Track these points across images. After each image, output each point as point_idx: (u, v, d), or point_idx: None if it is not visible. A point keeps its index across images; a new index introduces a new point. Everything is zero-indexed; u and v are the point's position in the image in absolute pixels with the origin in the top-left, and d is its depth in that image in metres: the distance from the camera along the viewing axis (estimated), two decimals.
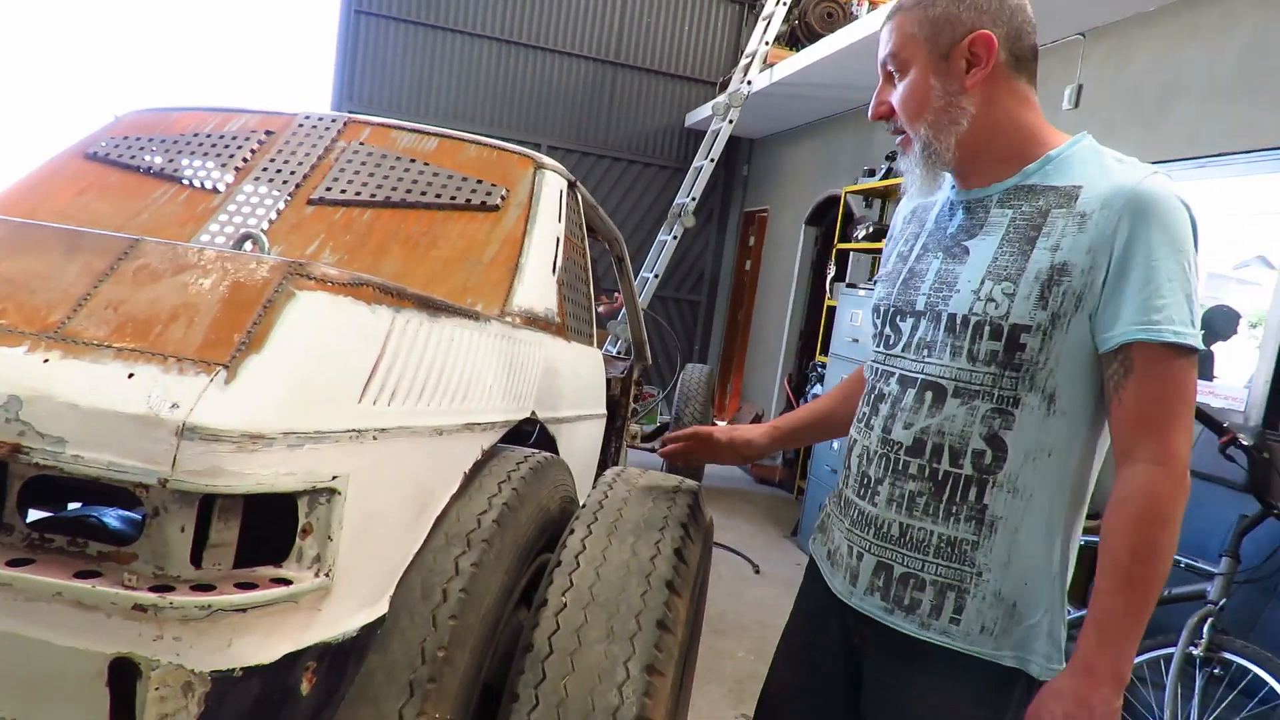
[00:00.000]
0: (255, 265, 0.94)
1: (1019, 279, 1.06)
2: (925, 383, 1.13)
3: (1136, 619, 1.00)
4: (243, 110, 2.16)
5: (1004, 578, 1.09)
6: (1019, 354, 1.06)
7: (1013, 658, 1.09)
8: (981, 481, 1.09)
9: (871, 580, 1.17)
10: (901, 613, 1.14)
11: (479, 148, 2.09)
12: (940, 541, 1.11)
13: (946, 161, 1.15)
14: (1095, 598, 1.03)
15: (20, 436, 0.82)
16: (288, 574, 0.92)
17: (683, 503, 1.49)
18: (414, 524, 1.18)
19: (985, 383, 1.08)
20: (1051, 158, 1.12)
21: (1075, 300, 1.04)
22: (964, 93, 1.11)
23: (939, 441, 1.11)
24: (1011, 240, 1.09)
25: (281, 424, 0.86)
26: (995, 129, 1.13)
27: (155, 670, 0.82)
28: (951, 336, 1.10)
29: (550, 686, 1.15)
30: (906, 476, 1.14)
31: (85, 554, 0.87)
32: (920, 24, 1.12)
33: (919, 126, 1.14)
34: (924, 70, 1.12)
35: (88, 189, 1.95)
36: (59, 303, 0.90)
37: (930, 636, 1.11)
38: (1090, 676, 1.00)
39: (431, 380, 1.16)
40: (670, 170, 8.75)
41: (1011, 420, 1.07)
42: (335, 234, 1.83)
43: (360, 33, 7.85)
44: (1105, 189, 1.05)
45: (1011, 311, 1.06)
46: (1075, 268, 1.03)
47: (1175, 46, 3.88)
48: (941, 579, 1.11)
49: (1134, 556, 0.99)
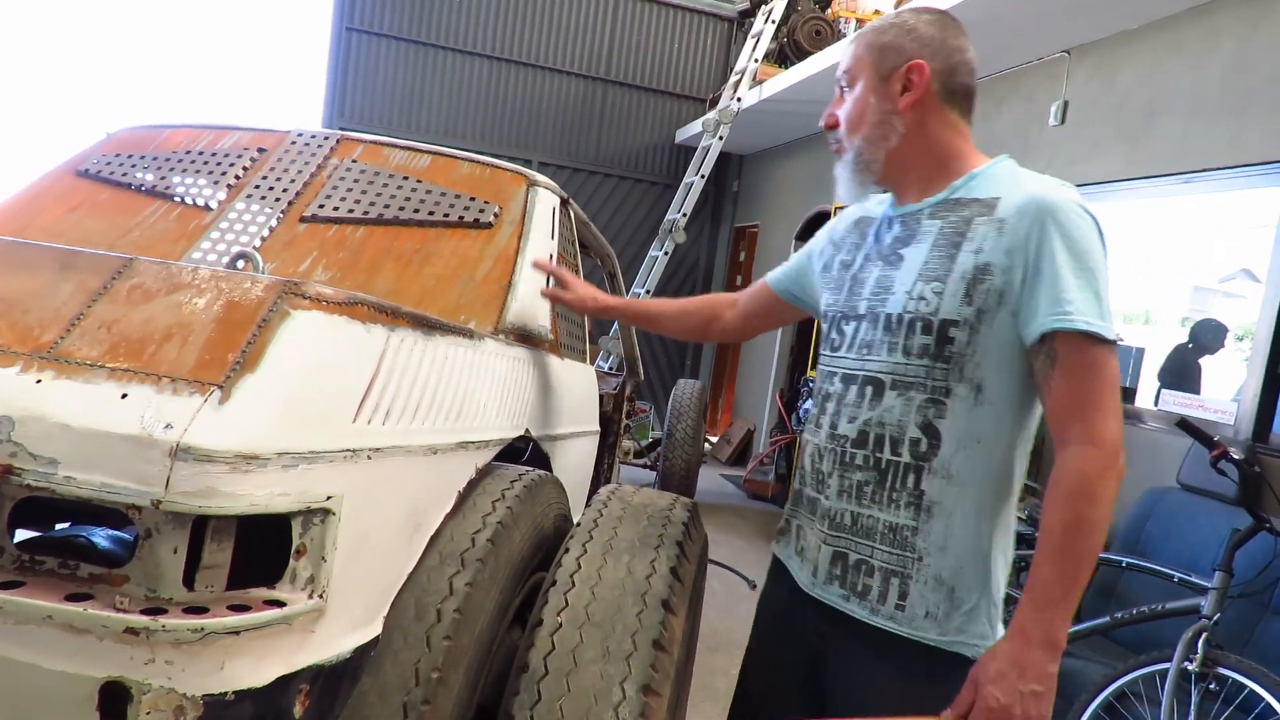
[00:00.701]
0: (250, 284, 0.94)
1: (946, 278, 1.17)
2: (866, 378, 1.24)
3: (1068, 589, 1.06)
4: (235, 127, 2.16)
5: (941, 562, 1.17)
6: (948, 346, 1.16)
7: (954, 643, 1.16)
8: (918, 468, 1.18)
9: (830, 570, 1.26)
10: (856, 599, 1.22)
11: (471, 165, 2.10)
12: (885, 528, 1.20)
13: (875, 172, 1.28)
14: (1032, 569, 1.09)
15: (12, 458, 0.81)
16: (281, 595, 0.91)
17: (678, 521, 1.48)
18: (408, 543, 1.17)
19: (919, 375, 1.18)
20: (975, 174, 1.24)
21: (998, 296, 1.14)
22: (897, 113, 1.25)
23: (880, 432, 1.21)
24: (940, 246, 1.20)
25: (276, 444, 0.86)
26: (923, 149, 1.26)
27: (147, 694, 0.81)
28: (888, 334, 1.21)
29: (545, 708, 1.14)
30: (853, 467, 1.23)
31: (76, 576, 0.86)
32: (870, 48, 1.27)
33: (855, 138, 1.28)
34: (866, 89, 1.27)
35: (79, 206, 1.94)
36: (52, 322, 0.89)
37: (879, 622, 1.19)
38: (1024, 640, 1.05)
39: (426, 399, 1.16)
40: (661, 186, 8.79)
41: (944, 409, 1.17)
42: (328, 252, 1.83)
43: (351, 50, 7.87)
44: (1020, 198, 1.16)
45: (940, 308, 1.16)
46: (996, 267, 1.14)
47: (1160, 63, 3.94)
48: (888, 565, 1.19)
49: (1065, 530, 1.06)
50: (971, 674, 1.10)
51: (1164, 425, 3.71)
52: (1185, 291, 4.47)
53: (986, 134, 5.11)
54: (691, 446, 5.15)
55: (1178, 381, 3.89)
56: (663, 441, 5.25)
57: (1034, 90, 4.74)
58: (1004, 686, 1.04)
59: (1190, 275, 4.34)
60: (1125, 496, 3.64)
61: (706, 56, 8.94)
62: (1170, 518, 3.03)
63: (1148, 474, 3.63)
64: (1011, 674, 1.05)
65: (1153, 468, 3.64)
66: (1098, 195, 4.39)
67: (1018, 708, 1.04)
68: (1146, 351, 4.25)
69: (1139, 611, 2.54)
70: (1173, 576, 2.53)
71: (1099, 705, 2.37)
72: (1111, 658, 2.68)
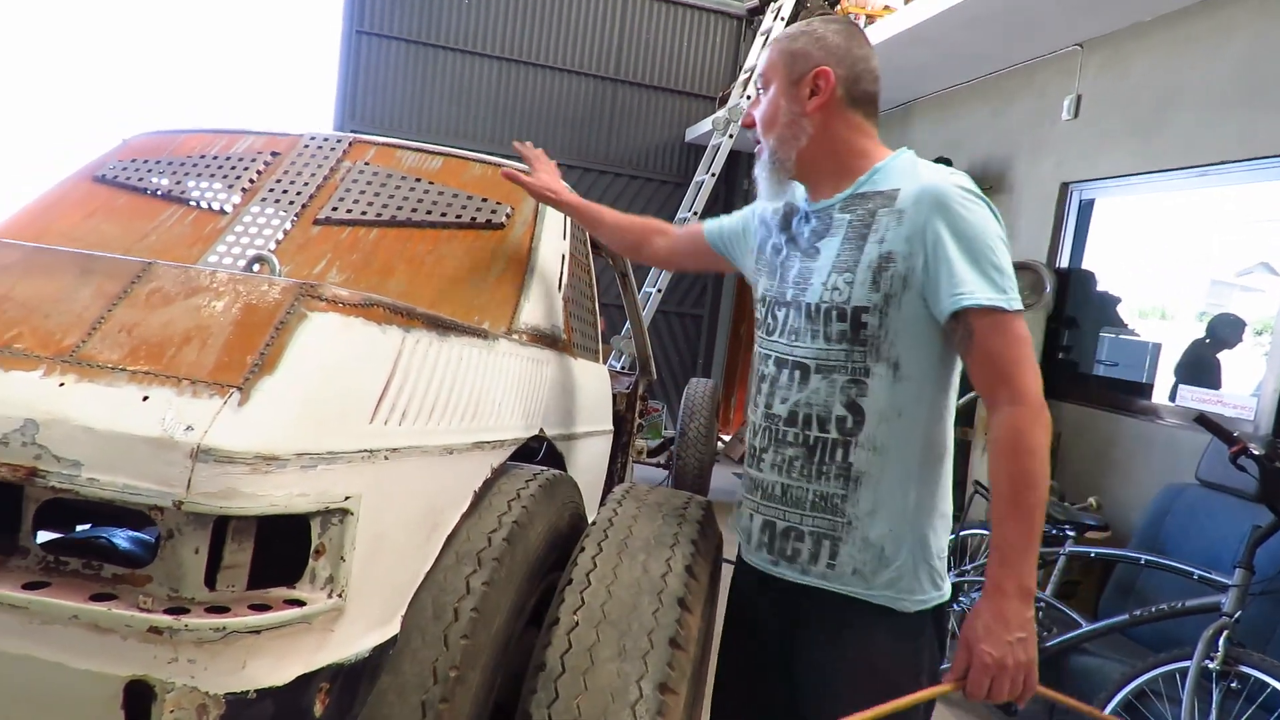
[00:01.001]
0: (267, 287, 0.94)
1: (855, 268, 1.27)
2: (794, 363, 1.33)
3: (1028, 539, 1.15)
4: (249, 131, 2.17)
5: (870, 525, 1.27)
6: (862, 331, 1.26)
7: (883, 597, 1.26)
8: (845, 443, 1.27)
9: (759, 537, 1.36)
10: (785, 563, 1.33)
11: (483, 166, 2.10)
12: (815, 497, 1.30)
13: (788, 170, 1.37)
14: (992, 529, 1.19)
15: (37, 460, 0.82)
16: (301, 595, 0.92)
17: (693, 519, 1.48)
18: (425, 543, 1.18)
19: (840, 358, 1.28)
20: (878, 169, 1.32)
21: (902, 281, 1.23)
22: (805, 115, 1.33)
23: (808, 412, 1.30)
24: (849, 239, 1.30)
25: (295, 445, 0.86)
26: (830, 148, 1.34)
27: (170, 693, 0.82)
28: (810, 323, 1.31)
29: (563, 706, 1.15)
30: (785, 444, 1.33)
31: (100, 576, 0.87)
32: (782, 54, 1.36)
33: (769, 138, 1.36)
34: (778, 92, 1.35)
35: (96, 211, 1.96)
36: (73, 326, 0.91)
37: (810, 580, 1.30)
38: (1000, 594, 1.15)
39: (441, 399, 1.16)
40: (671, 185, 8.78)
41: (865, 388, 1.26)
42: (341, 254, 1.84)
43: (361, 53, 7.91)
44: (916, 188, 1.25)
45: (852, 296, 1.26)
46: (898, 255, 1.23)
47: (1173, 56, 3.90)
48: (818, 530, 1.29)
49: (1013, 484, 1.16)
50: (961, 638, 1.18)
51: (1182, 421, 3.68)
52: (1202, 286, 4.43)
53: (998, 129, 5.08)
54: (704, 445, 5.15)
55: (1195, 377, 3.85)
56: (675, 440, 5.25)
57: (1046, 84, 4.71)
58: (993, 641, 1.13)
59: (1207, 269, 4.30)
60: (1143, 493, 3.62)
61: (716, 54, 8.92)
62: (1189, 514, 3.00)
63: (1166, 470, 3.60)
64: (997, 627, 1.14)
65: (1171, 464, 3.62)
66: (1111, 189, 4.36)
67: (1009, 657, 1.13)
68: (1163, 347, 4.21)
69: (1158, 609, 2.52)
70: (1192, 574, 2.51)
71: (1118, 703, 2.35)
72: (1130, 656, 2.67)
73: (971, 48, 4.86)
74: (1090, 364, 4.50)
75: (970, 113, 5.43)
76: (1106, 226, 4.51)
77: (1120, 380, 4.33)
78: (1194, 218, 4.10)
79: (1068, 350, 4.58)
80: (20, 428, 0.82)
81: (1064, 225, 4.58)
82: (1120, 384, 4.29)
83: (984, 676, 1.14)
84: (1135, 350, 4.38)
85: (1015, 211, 4.86)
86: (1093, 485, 4.01)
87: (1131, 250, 4.44)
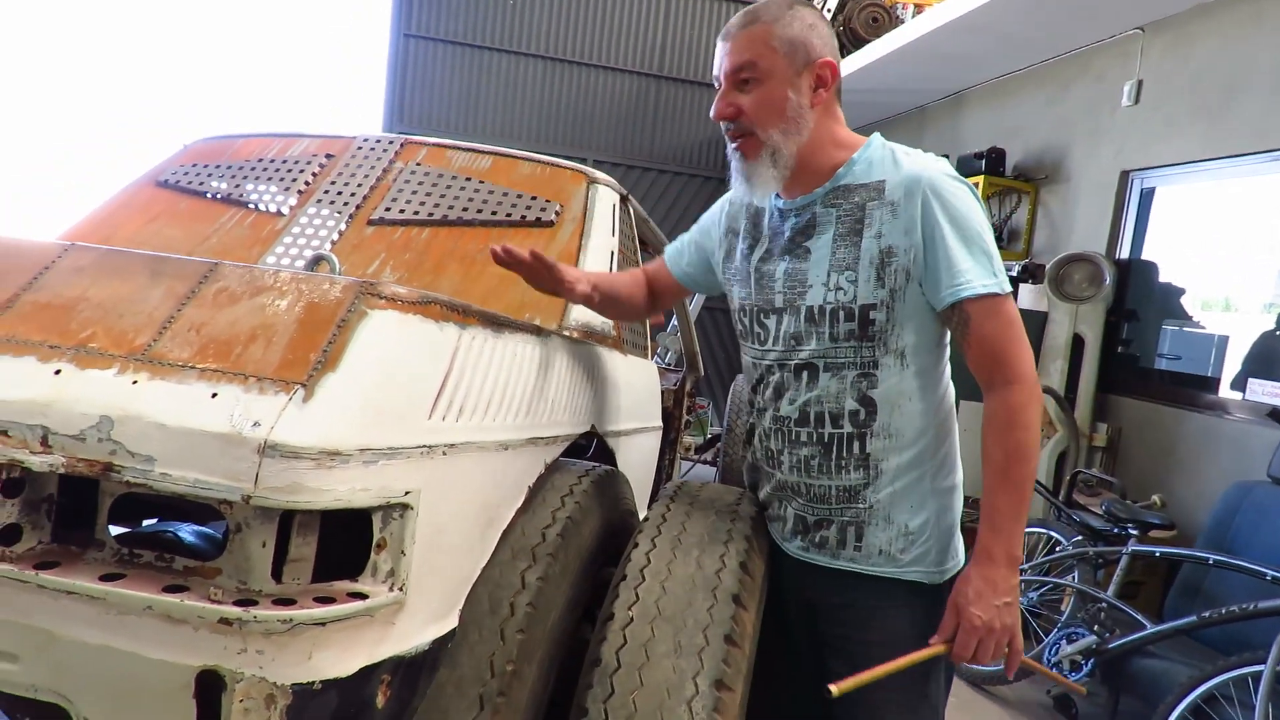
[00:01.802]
0: (328, 286, 0.96)
1: (857, 266, 1.26)
2: (799, 365, 1.33)
3: (1018, 511, 1.21)
4: (304, 135, 2.22)
5: (892, 507, 1.30)
6: (871, 327, 1.27)
7: (913, 573, 1.31)
8: (861, 435, 1.30)
9: (794, 527, 1.41)
10: (815, 549, 1.37)
11: (532, 164, 2.12)
12: (839, 491, 1.33)
13: (789, 165, 1.30)
14: (984, 498, 1.24)
15: (112, 455, 0.84)
16: (363, 588, 0.93)
17: (746, 515, 1.47)
18: (481, 538, 1.19)
19: (849, 355, 1.29)
20: (855, 160, 1.31)
21: (905, 275, 1.25)
22: (809, 108, 1.29)
23: (819, 410, 1.32)
24: (842, 235, 1.29)
25: (358, 441, 0.88)
26: (821, 142, 1.31)
27: (240, 682, 0.84)
28: (813, 325, 1.30)
29: (619, 701, 1.15)
30: (799, 444, 1.35)
31: (172, 569, 0.90)
32: (779, 40, 1.27)
33: (771, 131, 1.28)
34: (782, 82, 1.27)
35: (160, 215, 2.02)
36: (145, 326, 0.93)
37: (841, 564, 1.34)
38: (990, 561, 1.21)
39: (497, 395, 1.17)
40: (715, 181, 8.75)
41: (875, 380, 1.29)
42: (395, 253, 1.87)
43: (410, 55, 8.02)
44: (903, 178, 1.25)
45: (858, 295, 1.26)
46: (899, 248, 1.24)
47: (1239, 37, 3.75)
48: (845, 518, 1.33)
49: (1007, 458, 1.21)
50: (951, 601, 1.24)
51: (1252, 416, 3.54)
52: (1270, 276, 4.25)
53: (1053, 117, 4.95)
54: None
55: (1266, 370, 3.70)
56: (722, 437, 5.23)
57: (1105, 70, 4.57)
58: (982, 605, 1.20)
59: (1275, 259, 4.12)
60: (1209, 491, 3.49)
61: None
62: (1260, 513, 2.89)
63: (1233, 467, 3.47)
64: (987, 592, 1.20)
65: (1239, 460, 3.48)
66: (1174, 177, 4.21)
67: (996, 620, 1.20)
68: (1230, 339, 4.06)
69: (1229, 611, 2.43)
70: (1265, 574, 2.41)
71: (1186, 707, 2.28)
72: (1198, 659, 2.58)
73: (1026, 33, 4.73)
74: (1151, 358, 4.35)
75: (1025, 101, 5.29)
76: (1168, 216, 4.36)
77: (1184, 374, 4.18)
78: (1261, 205, 3.94)
79: (1127, 344, 4.44)
80: (96, 424, 0.85)
81: (1124, 215, 4.44)
82: (1184, 378, 4.15)
83: (972, 638, 1.20)
84: (1200, 343, 4.23)
85: (1072, 201, 4.72)
86: (1156, 483, 3.88)
87: (1195, 240, 4.29)
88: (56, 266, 1.02)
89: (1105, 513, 3.07)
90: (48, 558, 0.89)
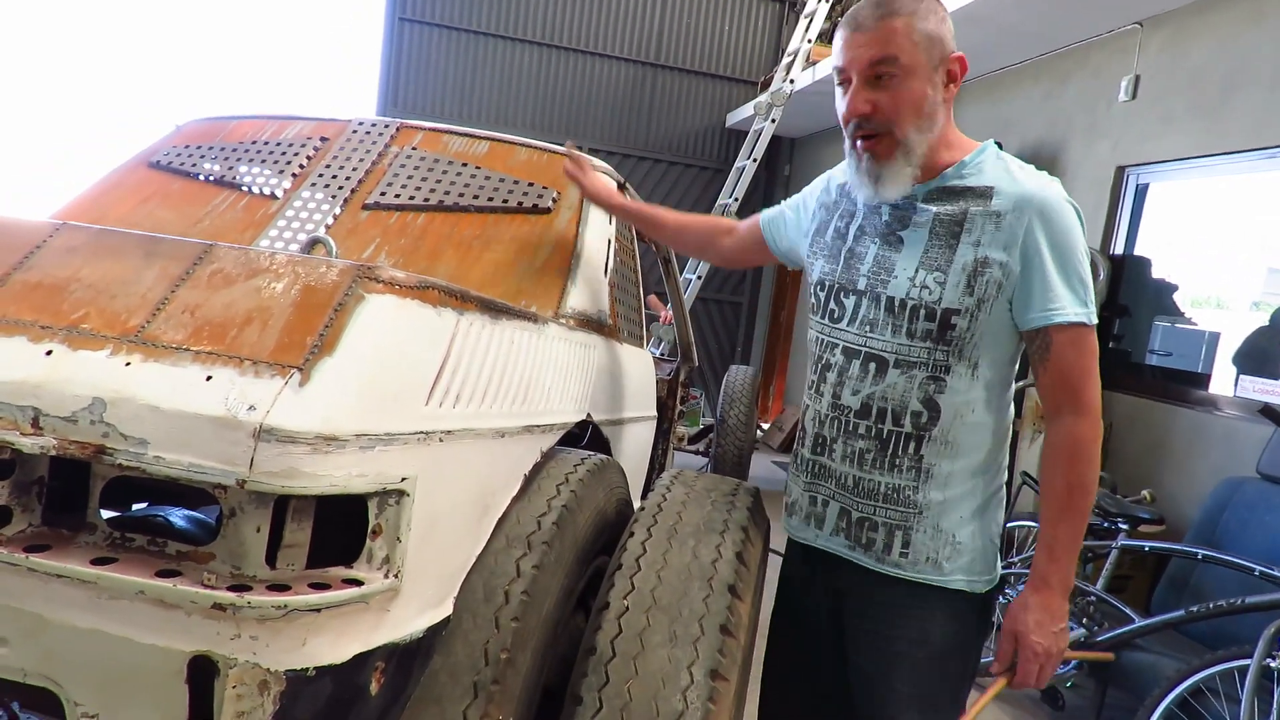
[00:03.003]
0: (325, 269, 0.95)
1: (948, 269, 1.24)
2: (869, 355, 1.31)
3: (1074, 540, 1.24)
4: (298, 117, 2.19)
5: (941, 515, 1.29)
6: (950, 332, 1.24)
7: (958, 582, 1.30)
8: (919, 437, 1.28)
9: (836, 523, 1.36)
10: (861, 550, 1.33)
11: (529, 150, 2.10)
12: (887, 489, 1.30)
13: (920, 164, 1.27)
14: (1042, 526, 1.25)
15: (104, 438, 0.83)
16: (358, 575, 0.92)
17: (743, 505, 1.47)
18: (476, 526, 1.18)
19: (921, 356, 1.27)
20: (966, 163, 1.28)
21: (997, 287, 1.23)
22: (941, 104, 1.26)
23: (883, 405, 1.29)
24: (939, 235, 1.26)
25: (354, 426, 0.87)
26: (942, 138, 1.28)
27: (233, 668, 0.83)
28: (891, 316, 1.28)
29: (613, 690, 1.14)
30: (856, 436, 1.32)
31: (164, 553, 0.89)
32: (919, 34, 1.22)
33: (909, 130, 1.24)
34: (922, 79, 1.23)
35: (151, 197, 2.00)
36: (138, 307, 0.92)
37: (885, 569, 1.31)
38: (1047, 587, 1.23)
39: (494, 382, 1.16)
40: (711, 171, 8.72)
41: (944, 385, 1.27)
42: (390, 238, 1.85)
43: (404, 39, 7.96)
44: (1016, 193, 1.23)
45: (943, 297, 1.24)
46: (995, 261, 1.22)
47: (1238, 33, 3.75)
48: (891, 521, 1.30)
49: (1070, 490, 1.22)
50: (1008, 630, 1.25)
51: (1242, 412, 3.56)
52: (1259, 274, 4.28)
53: (1050, 111, 4.95)
54: (744, 433, 5.12)
55: (1257, 367, 3.72)
56: (715, 428, 5.23)
57: (1102, 65, 4.57)
58: (1043, 632, 1.22)
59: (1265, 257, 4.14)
60: (1199, 486, 3.51)
61: (758, 38, 8.82)
62: (1249, 509, 2.91)
63: (1223, 463, 3.50)
64: (1046, 620, 1.22)
65: (1228, 456, 3.50)
66: (1169, 173, 4.22)
67: (1054, 646, 1.22)
68: (1221, 336, 4.08)
69: (1217, 605, 2.45)
70: (1254, 570, 2.43)
71: (1172, 701, 2.29)
72: (1185, 653, 2.60)
73: (1024, 27, 4.72)
74: (1142, 353, 4.37)
75: (1021, 95, 5.29)
76: (1160, 212, 4.37)
77: (1175, 370, 4.20)
78: (1254, 203, 3.95)
79: (1119, 339, 4.46)
80: (89, 406, 0.84)
81: (1119, 210, 4.45)
82: (1175, 374, 4.17)
83: (1034, 665, 1.22)
84: (1191, 339, 4.25)
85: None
86: (1146, 477, 3.91)
87: (1186, 237, 4.30)
88: (48, 246, 1.00)
89: (1096, 507, 3.08)
90: (38, 541, 0.88)
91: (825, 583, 1.40)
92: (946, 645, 1.30)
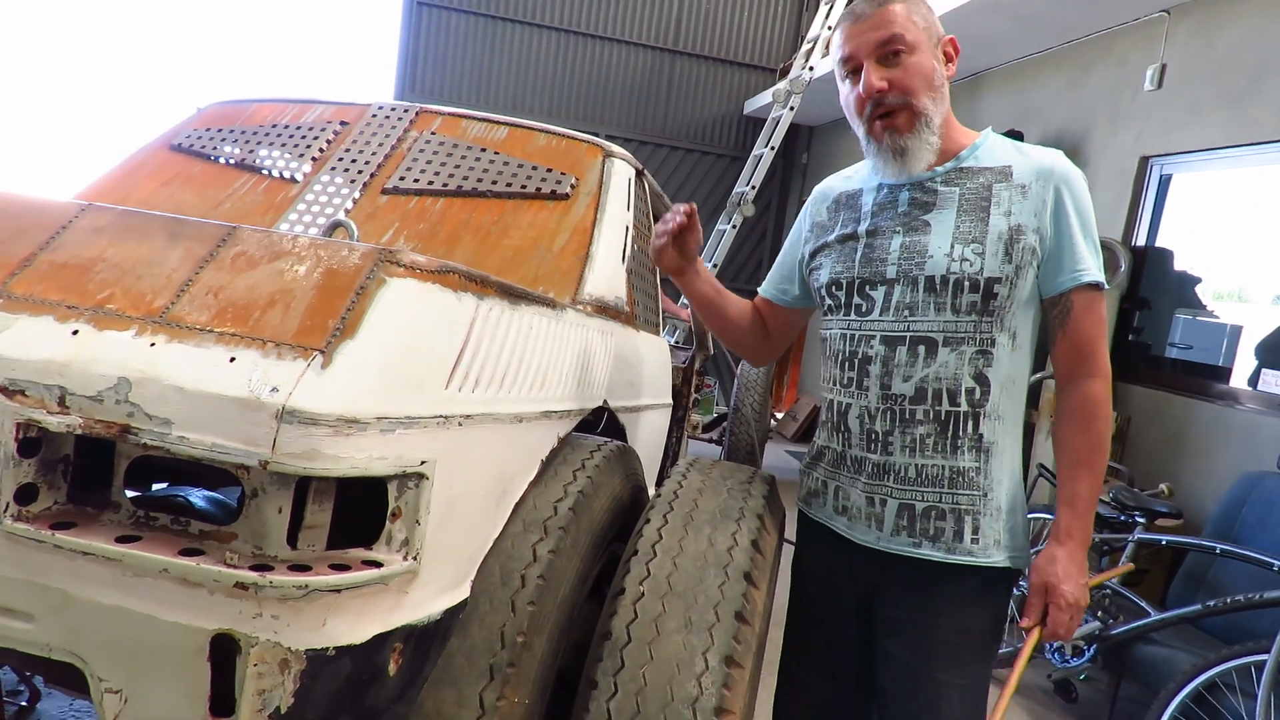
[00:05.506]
0: (347, 252, 0.95)
1: (984, 240, 1.28)
2: (915, 339, 1.31)
3: (1094, 496, 1.29)
4: (318, 101, 2.20)
5: (1001, 493, 1.31)
6: (993, 302, 1.27)
7: (1009, 559, 1.31)
8: (975, 415, 1.30)
9: (896, 522, 1.33)
10: (929, 543, 1.31)
11: (548, 136, 2.09)
12: (951, 473, 1.30)
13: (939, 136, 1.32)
14: (1062, 484, 1.30)
15: (129, 417, 0.84)
16: (378, 556, 0.93)
17: (758, 493, 1.47)
18: (494, 510, 1.19)
19: (968, 330, 1.29)
20: (978, 145, 1.35)
21: (1031, 253, 1.27)
22: (946, 81, 1.34)
23: (937, 386, 1.30)
24: (967, 210, 1.30)
25: (375, 409, 0.87)
26: (948, 121, 1.35)
27: (254, 647, 0.84)
28: (933, 295, 1.29)
29: (629, 675, 1.15)
30: (914, 423, 1.31)
31: (187, 532, 0.90)
32: (918, 15, 1.31)
33: (924, 100, 1.30)
34: (928, 53, 1.31)
35: (173, 179, 2.01)
36: (163, 288, 0.93)
37: (956, 559, 1.30)
38: (1071, 541, 1.28)
39: (512, 368, 1.17)
40: (728, 159, 8.68)
41: (991, 358, 1.29)
42: (409, 223, 1.85)
43: (422, 24, 7.95)
44: (1034, 166, 1.30)
45: (984, 267, 1.27)
46: (1028, 228, 1.27)
47: (1267, 21, 3.68)
48: (959, 506, 1.30)
49: (1090, 449, 1.28)
50: (1037, 584, 1.28)
51: (1263, 407, 3.52)
52: None
53: (1074, 101, 4.88)
54: (758, 422, 5.11)
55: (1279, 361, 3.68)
56: (729, 416, 5.23)
57: (1127, 53, 4.50)
58: (1072, 582, 1.26)
59: None
60: (1217, 480, 3.48)
61: (777, 25, 8.74)
62: (1269, 503, 2.88)
63: (1243, 457, 3.46)
64: (1074, 571, 1.26)
65: (1248, 451, 3.47)
66: (1195, 164, 4.16)
67: (1083, 596, 1.27)
68: (1244, 330, 4.02)
69: (1234, 600, 2.43)
70: (1272, 565, 2.41)
71: (1187, 695, 2.28)
72: (1200, 647, 2.58)
73: (1048, 15, 4.66)
74: (1162, 346, 4.33)
75: (1044, 84, 5.22)
76: (1183, 203, 4.31)
77: (1195, 363, 4.15)
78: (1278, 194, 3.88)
79: (1139, 332, 4.41)
80: (114, 386, 0.85)
81: (1142, 201, 4.39)
82: (1195, 367, 4.12)
83: (1066, 615, 1.26)
84: (1212, 333, 4.20)
85: (1090, 186, 4.66)
86: (1164, 471, 3.87)
87: (1209, 229, 4.24)
88: (74, 226, 1.01)
89: (1112, 500, 3.06)
90: (64, 518, 0.89)
91: (858, 573, 1.38)
92: (983, 628, 1.32)
